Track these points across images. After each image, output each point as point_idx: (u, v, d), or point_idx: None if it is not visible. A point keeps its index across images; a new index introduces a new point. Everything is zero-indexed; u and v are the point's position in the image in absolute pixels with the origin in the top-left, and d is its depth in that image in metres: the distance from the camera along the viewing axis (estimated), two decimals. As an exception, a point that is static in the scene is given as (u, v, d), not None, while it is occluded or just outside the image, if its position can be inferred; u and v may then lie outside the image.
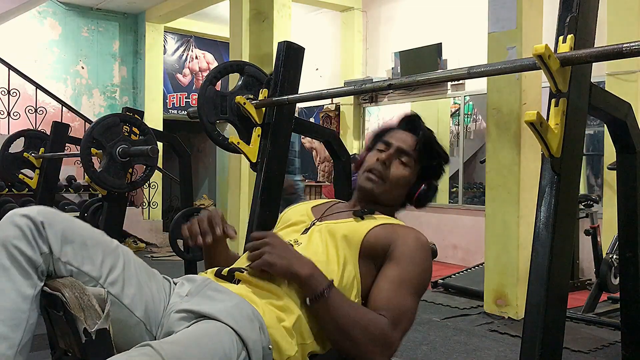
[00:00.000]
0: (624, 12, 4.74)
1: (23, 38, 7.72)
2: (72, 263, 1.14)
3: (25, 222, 1.09)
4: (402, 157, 1.53)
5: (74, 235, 1.15)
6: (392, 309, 1.30)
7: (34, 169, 4.29)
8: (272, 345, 1.19)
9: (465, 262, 6.14)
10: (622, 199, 1.62)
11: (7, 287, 1.07)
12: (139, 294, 1.22)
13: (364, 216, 1.46)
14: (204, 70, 9.13)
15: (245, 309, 1.19)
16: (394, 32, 7.32)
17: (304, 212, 1.56)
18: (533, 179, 3.79)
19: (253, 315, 1.19)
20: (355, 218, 1.46)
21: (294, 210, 1.61)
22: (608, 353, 3.24)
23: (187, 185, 4.11)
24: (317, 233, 1.44)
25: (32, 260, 1.09)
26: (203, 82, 2.24)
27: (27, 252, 1.08)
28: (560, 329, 1.33)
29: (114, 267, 1.20)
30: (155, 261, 6.50)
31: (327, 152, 2.57)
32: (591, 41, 1.38)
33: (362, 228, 1.41)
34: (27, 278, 1.09)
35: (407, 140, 1.55)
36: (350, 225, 1.44)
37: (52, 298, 1.12)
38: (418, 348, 3.31)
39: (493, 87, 4.07)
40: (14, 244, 1.07)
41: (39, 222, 1.10)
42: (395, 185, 1.52)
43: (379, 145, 1.56)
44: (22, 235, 1.08)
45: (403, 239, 1.39)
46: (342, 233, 1.40)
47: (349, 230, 1.41)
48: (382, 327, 1.27)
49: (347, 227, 1.43)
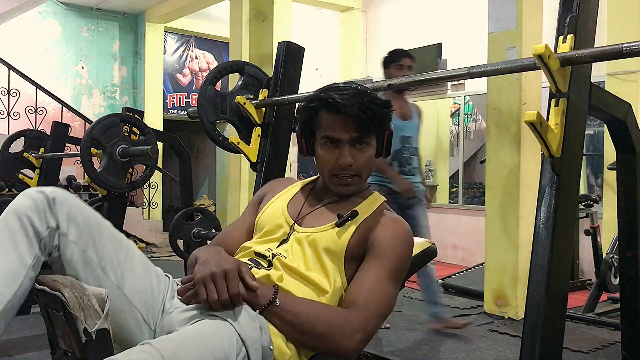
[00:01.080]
0: (624, 12, 4.74)
1: (23, 38, 7.72)
2: (77, 242, 1.20)
3: (39, 197, 1.18)
4: (357, 142, 1.40)
5: (81, 218, 1.22)
6: (363, 299, 1.28)
7: (34, 169, 4.30)
8: (274, 345, 1.20)
9: (465, 262, 6.13)
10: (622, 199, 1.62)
11: (9, 249, 1.14)
12: (138, 285, 1.26)
13: (345, 223, 1.39)
14: (204, 70, 9.12)
15: (247, 309, 1.21)
16: (394, 32, 7.32)
17: (279, 214, 1.47)
18: (533, 179, 3.79)
19: (255, 315, 1.21)
20: (336, 227, 1.39)
21: (268, 213, 1.50)
22: (608, 353, 3.24)
23: (187, 185, 4.11)
24: (298, 245, 1.38)
25: (38, 231, 1.16)
26: (203, 82, 2.24)
27: (35, 222, 1.16)
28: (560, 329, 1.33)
29: (117, 255, 1.24)
30: (155, 261, 6.47)
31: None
32: (591, 41, 1.38)
33: (344, 237, 1.37)
34: (30, 246, 1.16)
35: (348, 124, 1.38)
36: (332, 235, 1.38)
37: (52, 298, 1.12)
38: (418, 348, 3.31)
39: (493, 87, 4.06)
40: (26, 213, 1.16)
41: (51, 198, 1.19)
42: (368, 168, 1.44)
43: (323, 140, 1.42)
44: (34, 207, 1.17)
45: (381, 230, 1.38)
46: (324, 245, 1.36)
47: (331, 241, 1.37)
48: (345, 315, 1.25)
49: (329, 238, 1.37)
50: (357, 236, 1.38)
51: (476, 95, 6.35)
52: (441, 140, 6.97)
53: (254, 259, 1.39)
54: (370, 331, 1.27)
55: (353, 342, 1.23)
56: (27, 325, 3.33)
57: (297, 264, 1.35)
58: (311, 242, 1.38)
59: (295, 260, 1.35)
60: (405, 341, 3.43)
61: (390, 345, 3.32)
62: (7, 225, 1.16)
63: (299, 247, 1.38)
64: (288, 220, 1.45)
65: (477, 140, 6.63)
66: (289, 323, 1.23)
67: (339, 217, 1.40)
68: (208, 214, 3.70)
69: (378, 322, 1.29)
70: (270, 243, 1.42)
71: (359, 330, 1.24)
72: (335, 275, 1.35)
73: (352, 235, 1.37)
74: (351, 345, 1.23)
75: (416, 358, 3.15)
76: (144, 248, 7.40)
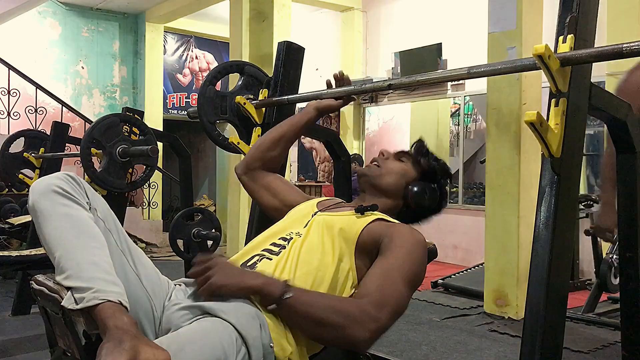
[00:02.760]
0: (624, 12, 4.74)
1: (23, 38, 7.72)
2: (104, 220, 1.25)
3: (64, 177, 1.22)
4: (400, 157, 1.65)
5: (98, 199, 1.28)
6: (376, 290, 1.29)
7: (34, 169, 4.29)
8: (274, 343, 1.20)
9: (465, 262, 6.13)
10: (622, 199, 1.62)
11: (81, 214, 1.20)
12: (151, 276, 1.30)
13: (364, 212, 1.48)
14: (204, 70, 9.12)
15: (246, 307, 1.21)
16: (394, 32, 7.32)
17: (309, 207, 1.59)
18: (533, 179, 3.79)
19: (255, 313, 1.21)
20: (355, 214, 1.49)
21: (300, 207, 1.63)
22: (608, 353, 3.24)
23: (187, 185, 4.11)
24: (315, 225, 1.47)
25: (78, 200, 1.21)
26: (203, 82, 2.24)
27: (73, 193, 1.20)
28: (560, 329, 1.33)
29: (129, 244, 1.30)
30: (155, 261, 6.48)
31: (327, 152, 2.57)
32: (591, 41, 1.38)
33: (360, 222, 1.43)
34: (83, 208, 1.21)
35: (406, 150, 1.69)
36: (348, 219, 1.46)
37: (50, 299, 1.12)
38: (418, 348, 3.31)
39: (493, 87, 4.06)
40: (63, 188, 1.20)
41: (77, 179, 1.24)
42: (390, 172, 1.61)
43: None
44: (66, 182, 1.21)
45: (397, 232, 1.40)
46: (339, 226, 1.43)
47: (346, 224, 1.44)
48: (360, 306, 1.25)
49: (345, 221, 1.45)
50: (371, 228, 1.42)
51: (476, 95, 6.35)
52: (441, 140, 6.97)
53: (267, 249, 1.44)
54: (384, 323, 1.26)
55: (367, 331, 1.22)
56: (27, 325, 3.33)
57: (309, 240, 1.41)
58: (328, 223, 1.45)
59: (305, 240, 1.42)
60: (405, 341, 3.43)
61: (390, 345, 3.32)
62: (56, 198, 1.18)
63: (317, 227, 1.45)
64: (314, 209, 1.56)
65: (477, 140, 6.63)
66: (303, 315, 1.22)
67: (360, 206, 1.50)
68: (208, 214, 3.70)
69: (392, 317, 1.28)
70: (294, 226, 1.51)
71: (373, 321, 1.24)
72: (345, 257, 1.38)
73: (368, 224, 1.42)
74: (365, 334, 1.22)
75: (416, 358, 3.15)
76: (144, 248, 7.40)
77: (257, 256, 1.42)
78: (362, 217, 1.47)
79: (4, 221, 5.60)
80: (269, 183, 1.75)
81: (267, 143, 1.80)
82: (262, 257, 1.41)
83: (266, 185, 1.75)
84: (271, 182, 1.76)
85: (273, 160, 1.79)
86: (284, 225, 1.54)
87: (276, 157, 1.80)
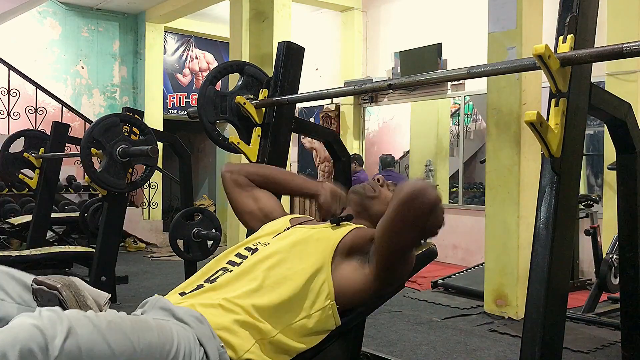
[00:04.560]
0: (624, 12, 4.74)
1: (23, 38, 7.72)
2: None
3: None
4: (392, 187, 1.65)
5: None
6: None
7: (34, 169, 4.30)
8: (224, 344, 1.22)
9: (465, 262, 6.13)
10: (622, 199, 1.62)
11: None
12: None
13: (340, 223, 1.49)
14: (204, 70, 9.12)
15: (193, 313, 1.23)
16: (394, 32, 7.32)
17: (281, 222, 1.59)
18: (533, 179, 3.79)
19: (201, 316, 1.23)
20: (331, 225, 1.48)
21: (271, 223, 1.62)
22: (608, 353, 3.24)
23: (187, 185, 4.11)
24: (287, 236, 1.47)
25: None
26: (203, 82, 2.24)
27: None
28: (560, 329, 1.33)
29: None
30: (155, 261, 6.49)
31: (327, 152, 2.57)
32: (591, 41, 1.38)
33: (338, 232, 1.44)
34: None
35: None
36: (324, 231, 1.46)
37: (50, 296, 1.12)
38: (418, 348, 3.31)
39: (493, 87, 4.06)
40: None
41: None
42: (384, 200, 1.59)
43: None
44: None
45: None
46: (315, 237, 1.43)
47: (322, 235, 1.44)
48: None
49: (320, 232, 1.46)
50: (354, 233, 1.44)
51: (476, 95, 6.35)
52: (441, 140, 6.97)
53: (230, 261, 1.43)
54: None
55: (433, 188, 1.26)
56: (27, 325, 3.32)
57: (279, 248, 1.41)
58: (303, 234, 1.46)
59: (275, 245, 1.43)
60: (405, 341, 3.43)
61: (390, 345, 3.32)
62: None
63: (289, 238, 1.45)
64: (286, 224, 1.55)
65: (477, 140, 6.63)
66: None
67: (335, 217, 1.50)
68: (208, 214, 3.70)
69: None
70: (260, 239, 1.50)
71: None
72: (320, 268, 1.37)
73: (347, 233, 1.44)
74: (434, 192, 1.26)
75: (416, 358, 3.15)
76: (144, 248, 7.40)
77: (221, 270, 1.41)
78: (338, 227, 1.47)
79: (4, 221, 5.61)
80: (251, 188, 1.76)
81: (269, 176, 1.80)
82: (225, 271, 1.40)
83: (248, 189, 1.76)
84: (253, 187, 1.76)
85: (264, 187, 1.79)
86: (252, 238, 1.55)
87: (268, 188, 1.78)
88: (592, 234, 4.23)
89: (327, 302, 1.36)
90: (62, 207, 6.44)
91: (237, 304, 1.27)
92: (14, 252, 4.10)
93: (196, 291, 1.35)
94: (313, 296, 1.35)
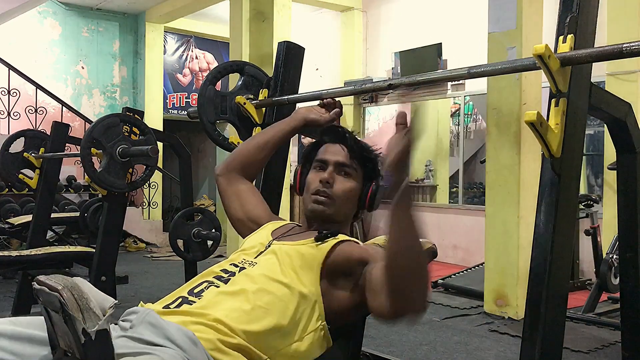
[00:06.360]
0: (624, 12, 4.74)
1: (23, 38, 7.71)
2: None
3: None
4: (342, 170, 1.51)
5: None
6: None
7: (34, 169, 4.29)
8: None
9: (465, 262, 6.13)
10: (622, 199, 1.62)
11: None
12: None
13: (324, 240, 1.41)
14: (204, 70, 9.12)
15: (187, 333, 1.19)
16: (394, 32, 7.32)
17: (263, 237, 1.52)
18: (533, 179, 3.79)
19: (194, 337, 1.19)
20: (315, 242, 1.41)
21: (253, 237, 1.56)
22: (608, 353, 3.24)
23: (187, 185, 4.11)
24: (273, 254, 1.40)
25: None
26: (203, 82, 2.24)
27: None
28: (560, 329, 1.33)
29: None
30: (156, 261, 6.50)
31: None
32: (591, 41, 1.38)
33: (323, 249, 1.38)
34: None
35: (340, 151, 1.52)
36: (309, 247, 1.40)
37: (51, 298, 1.12)
38: (418, 348, 3.31)
39: (493, 87, 4.06)
40: None
41: None
42: (345, 200, 1.50)
43: (315, 165, 1.54)
44: None
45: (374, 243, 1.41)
46: (301, 254, 1.37)
47: (308, 252, 1.38)
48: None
49: (306, 249, 1.39)
50: (341, 249, 1.37)
51: (476, 95, 6.35)
52: (441, 140, 6.97)
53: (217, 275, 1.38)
54: None
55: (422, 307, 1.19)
56: (27, 325, 3.33)
57: (267, 269, 1.36)
58: (287, 252, 1.39)
59: (264, 268, 1.36)
60: (405, 341, 3.43)
61: (390, 345, 3.32)
62: None
63: (273, 255, 1.40)
64: (269, 238, 1.49)
65: (477, 140, 6.63)
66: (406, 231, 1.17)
67: (319, 233, 1.42)
68: (208, 214, 3.70)
69: None
70: (244, 256, 1.44)
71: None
72: (309, 287, 1.33)
73: (332, 247, 1.37)
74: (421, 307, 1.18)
75: (416, 358, 3.15)
76: (144, 248, 7.40)
77: (206, 282, 1.37)
78: (322, 244, 1.39)
79: (4, 221, 5.61)
80: (240, 192, 1.70)
81: (250, 148, 1.75)
82: (210, 285, 1.35)
83: (237, 192, 1.70)
84: (242, 191, 1.70)
85: (253, 166, 1.75)
86: (237, 254, 1.48)
87: (257, 163, 1.75)
88: (592, 234, 4.23)
89: (319, 324, 1.33)
90: (62, 207, 6.44)
91: (230, 326, 1.23)
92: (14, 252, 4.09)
93: (183, 306, 1.30)
94: (305, 319, 1.31)
